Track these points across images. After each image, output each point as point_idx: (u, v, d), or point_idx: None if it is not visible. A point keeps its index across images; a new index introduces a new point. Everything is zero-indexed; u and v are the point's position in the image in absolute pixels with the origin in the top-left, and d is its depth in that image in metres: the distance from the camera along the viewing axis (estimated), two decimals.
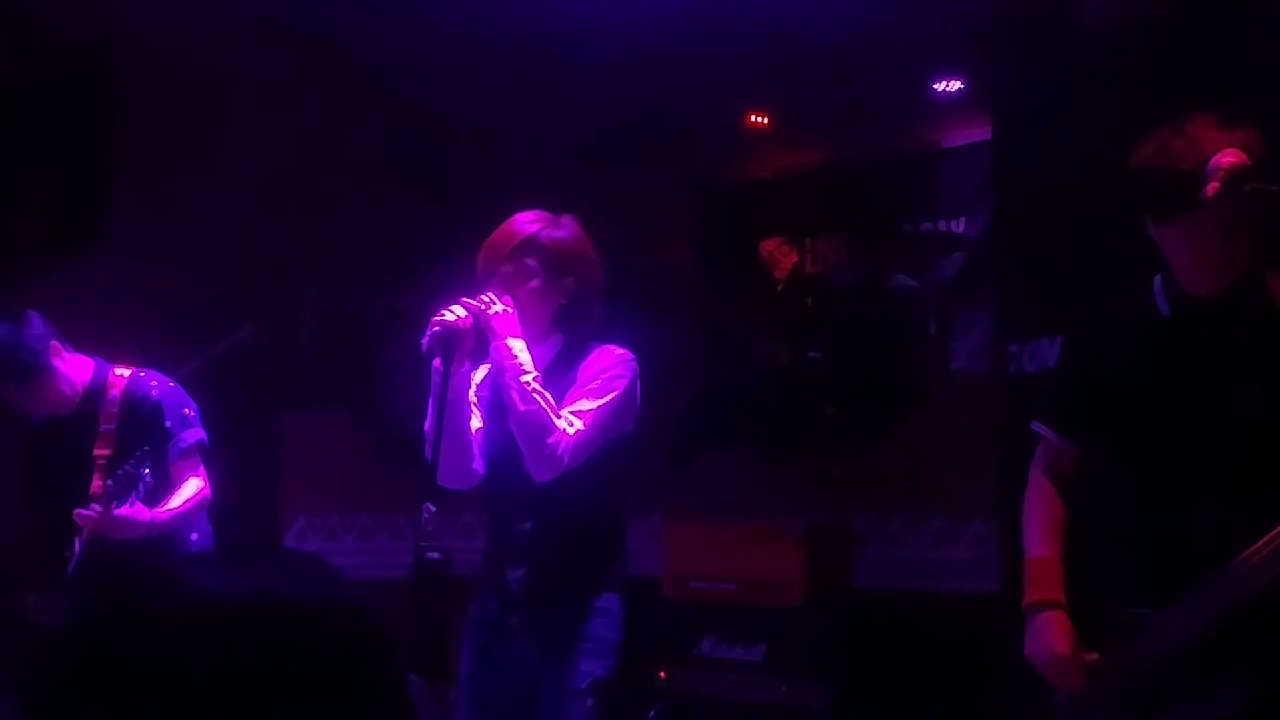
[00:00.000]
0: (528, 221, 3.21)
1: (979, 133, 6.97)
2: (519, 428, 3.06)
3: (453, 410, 3.07)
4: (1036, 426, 3.06)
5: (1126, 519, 2.94)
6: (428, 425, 3.08)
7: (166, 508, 3.80)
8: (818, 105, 8.33)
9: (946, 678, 4.72)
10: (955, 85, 8.09)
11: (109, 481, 3.65)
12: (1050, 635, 2.85)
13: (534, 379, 3.06)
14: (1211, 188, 2.65)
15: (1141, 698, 2.77)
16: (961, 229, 8.15)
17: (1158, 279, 2.87)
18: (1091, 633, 2.86)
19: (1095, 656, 2.84)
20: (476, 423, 3.23)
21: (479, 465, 3.22)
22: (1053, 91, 4.55)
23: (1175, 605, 2.72)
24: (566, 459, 3.04)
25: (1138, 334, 2.90)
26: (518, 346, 3.08)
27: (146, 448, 3.70)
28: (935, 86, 8.14)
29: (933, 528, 5.39)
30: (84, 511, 3.66)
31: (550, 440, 3.03)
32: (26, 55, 7.62)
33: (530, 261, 3.15)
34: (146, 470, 3.67)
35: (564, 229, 3.23)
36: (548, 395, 3.06)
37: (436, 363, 3.05)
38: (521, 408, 3.04)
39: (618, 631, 3.15)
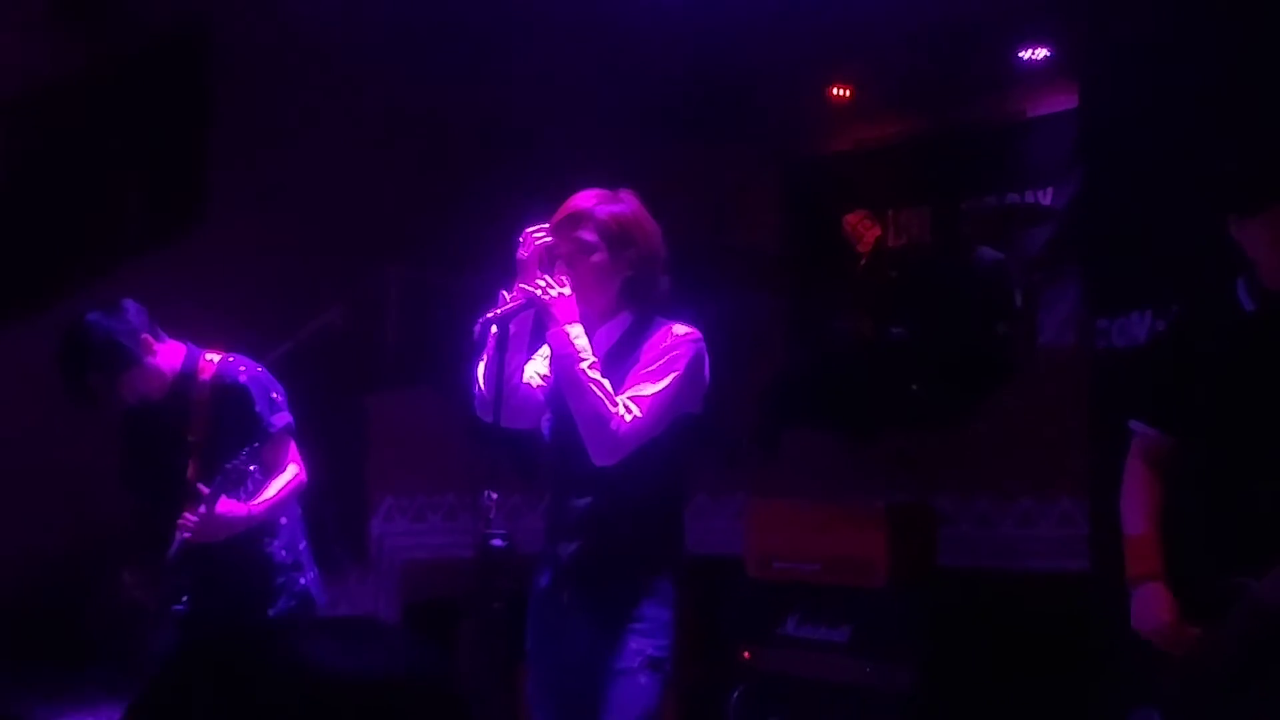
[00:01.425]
0: (584, 198, 3.21)
1: (1066, 101, 6.83)
2: (577, 416, 3.05)
3: (509, 360, 3.09)
4: (1134, 425, 3.20)
5: (1220, 498, 3.05)
6: (479, 390, 3.12)
7: (263, 498, 3.83)
8: (901, 76, 8.21)
9: (1035, 658, 4.66)
10: (1042, 53, 7.93)
11: (215, 479, 3.69)
12: (1155, 605, 3.02)
13: (590, 365, 3.04)
14: None
15: (1248, 666, 2.90)
16: (1048, 200, 7.99)
17: (1241, 280, 3.01)
18: (1194, 607, 2.99)
19: (1198, 630, 2.97)
20: (530, 377, 3.23)
21: (524, 417, 3.23)
22: (1141, 59, 4.45)
23: (1271, 572, 2.85)
24: (626, 445, 3.03)
25: (1225, 331, 3.05)
26: (575, 332, 3.06)
27: (256, 444, 3.73)
28: (1021, 54, 7.99)
29: (1020, 506, 5.32)
30: (188, 517, 3.71)
31: (610, 428, 3.01)
32: (122, 45, 7.75)
33: (588, 236, 3.14)
34: (254, 467, 3.71)
35: (622, 203, 3.21)
36: (605, 383, 3.04)
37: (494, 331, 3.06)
38: (578, 395, 3.03)
39: (669, 610, 3.12)
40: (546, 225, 3.16)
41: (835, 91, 8.83)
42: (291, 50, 7.60)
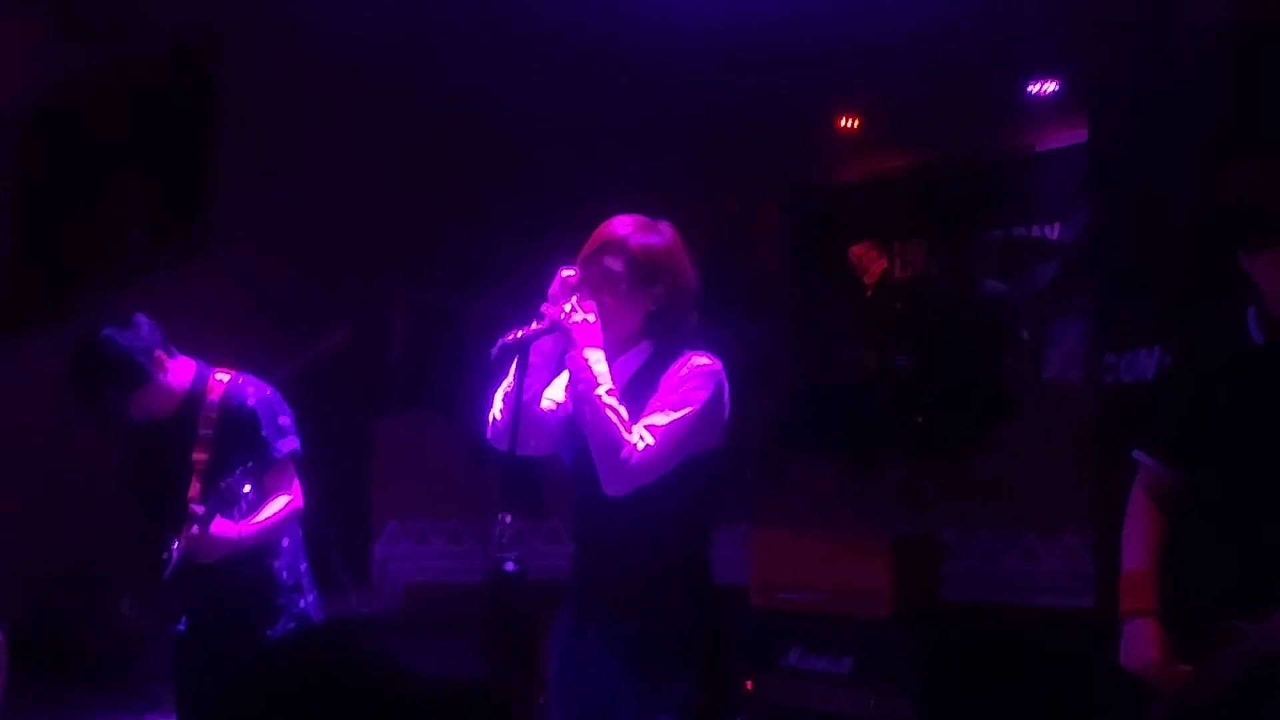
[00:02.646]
0: (620, 225, 3.15)
1: (1075, 135, 6.84)
2: (590, 441, 3.01)
3: (526, 388, 3.06)
4: (1138, 455, 3.16)
5: (1223, 535, 3.02)
6: (497, 417, 3.11)
7: (255, 521, 3.80)
8: (909, 108, 8.23)
9: (1037, 694, 4.63)
10: (1051, 87, 7.95)
11: (210, 498, 3.66)
12: (1143, 642, 2.97)
13: (607, 392, 2.99)
14: None
15: (1237, 709, 2.85)
16: (1056, 235, 8.00)
17: (1251, 310, 2.97)
18: (1188, 645, 2.95)
19: (1189, 668, 2.93)
20: (549, 394, 3.20)
21: (540, 444, 3.20)
22: (1152, 93, 4.46)
23: (1269, 618, 2.81)
24: (637, 474, 2.97)
25: (1233, 363, 3.01)
26: (594, 358, 3.02)
27: (250, 464, 3.70)
28: (1030, 88, 8.01)
29: (1024, 541, 5.31)
30: (183, 537, 3.68)
31: (621, 455, 2.95)
32: (127, 63, 7.78)
33: (615, 265, 3.09)
34: (248, 489, 3.68)
35: (658, 235, 3.15)
36: (620, 410, 2.99)
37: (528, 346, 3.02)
38: (593, 421, 2.98)
39: (696, 648, 3.07)
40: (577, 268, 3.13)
41: (843, 122, 8.85)
42: (298, 70, 7.62)
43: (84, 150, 7.75)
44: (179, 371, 3.91)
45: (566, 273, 3.11)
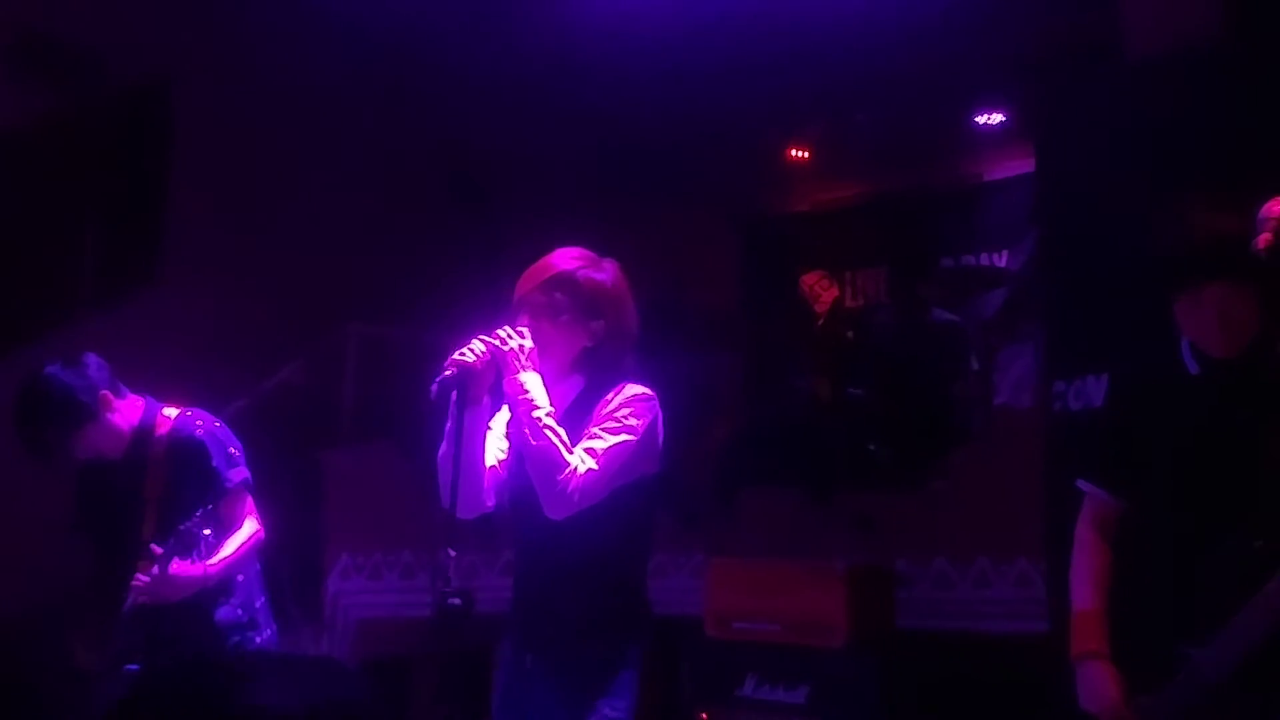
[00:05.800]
0: (567, 257, 3.16)
1: (1022, 165, 6.94)
2: (530, 463, 3.00)
3: (468, 443, 3.02)
4: (1082, 484, 3.23)
5: (1167, 563, 3.07)
6: (442, 457, 3.05)
7: (220, 556, 3.77)
8: (858, 138, 8.33)
9: None
10: (998, 117, 8.07)
11: (169, 541, 3.63)
12: (1099, 683, 3.04)
13: (546, 414, 2.99)
14: (1264, 238, 2.82)
15: None
16: (1004, 263, 8.10)
17: (1186, 341, 3.06)
18: (1140, 675, 3.01)
19: (1144, 698, 2.99)
20: (492, 459, 3.17)
21: (488, 498, 3.16)
22: (1097, 123, 4.53)
23: (1213, 641, 2.88)
24: (577, 497, 2.96)
25: (1171, 393, 3.08)
26: (531, 382, 3.02)
27: (210, 506, 3.68)
28: (977, 118, 8.12)
29: (977, 567, 5.33)
30: (140, 577, 3.65)
31: (560, 477, 2.95)
32: (82, 100, 7.75)
33: (560, 296, 3.11)
34: (208, 532, 3.65)
35: (603, 272, 3.17)
36: (560, 431, 2.99)
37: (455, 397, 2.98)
38: (532, 443, 2.97)
39: (632, 672, 3.07)
40: (509, 329, 3.11)
41: (794, 153, 8.94)
42: (253, 106, 7.61)
43: (36, 184, 7.69)
44: (127, 410, 3.89)
45: (503, 332, 3.09)
